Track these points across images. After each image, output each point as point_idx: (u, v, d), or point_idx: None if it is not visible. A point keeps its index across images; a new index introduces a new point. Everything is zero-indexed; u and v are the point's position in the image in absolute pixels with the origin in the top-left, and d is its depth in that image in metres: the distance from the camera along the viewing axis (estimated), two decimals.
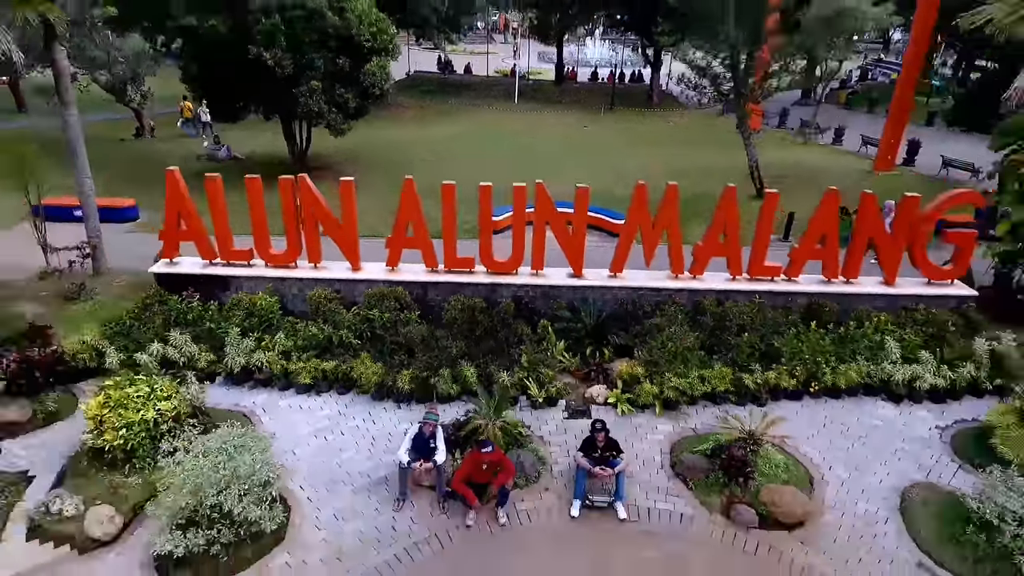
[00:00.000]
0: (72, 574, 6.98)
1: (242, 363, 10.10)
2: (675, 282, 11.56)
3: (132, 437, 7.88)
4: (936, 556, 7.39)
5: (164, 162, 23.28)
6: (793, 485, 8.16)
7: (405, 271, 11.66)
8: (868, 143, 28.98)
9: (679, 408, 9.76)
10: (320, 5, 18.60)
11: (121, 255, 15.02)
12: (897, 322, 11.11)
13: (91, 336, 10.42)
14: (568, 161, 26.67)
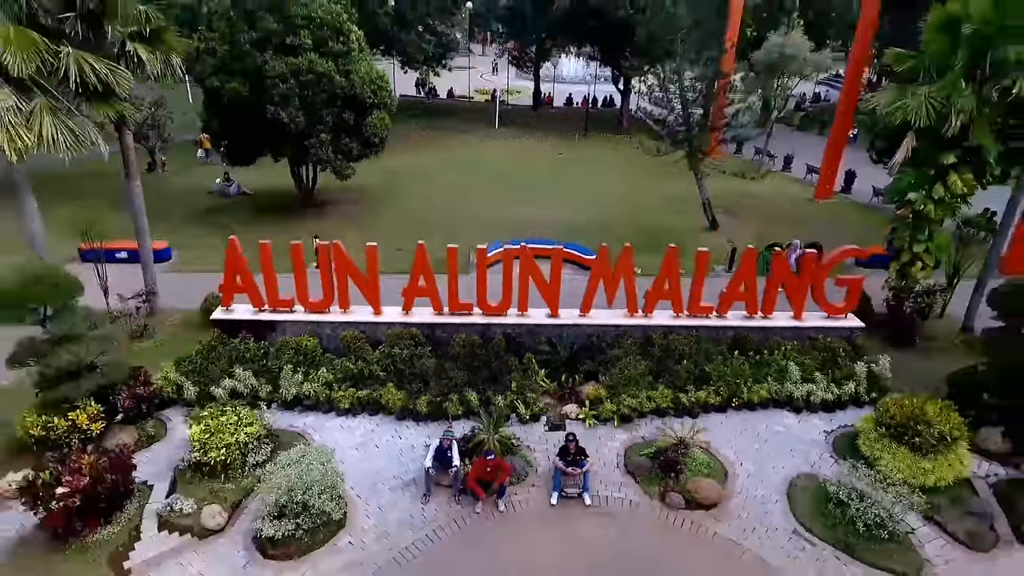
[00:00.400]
0: (194, 555, 9.79)
1: (294, 392, 12.93)
2: (630, 320, 14.61)
3: (228, 454, 10.70)
4: (807, 525, 10.51)
5: (179, 198, 26.12)
6: (712, 478, 11.24)
7: (417, 314, 14.53)
8: (812, 171, 32.49)
9: (632, 421, 12.82)
10: (329, 70, 21.35)
11: (166, 295, 17.68)
12: (801, 349, 14.29)
13: (170, 373, 13.15)
14: (546, 191, 29.64)
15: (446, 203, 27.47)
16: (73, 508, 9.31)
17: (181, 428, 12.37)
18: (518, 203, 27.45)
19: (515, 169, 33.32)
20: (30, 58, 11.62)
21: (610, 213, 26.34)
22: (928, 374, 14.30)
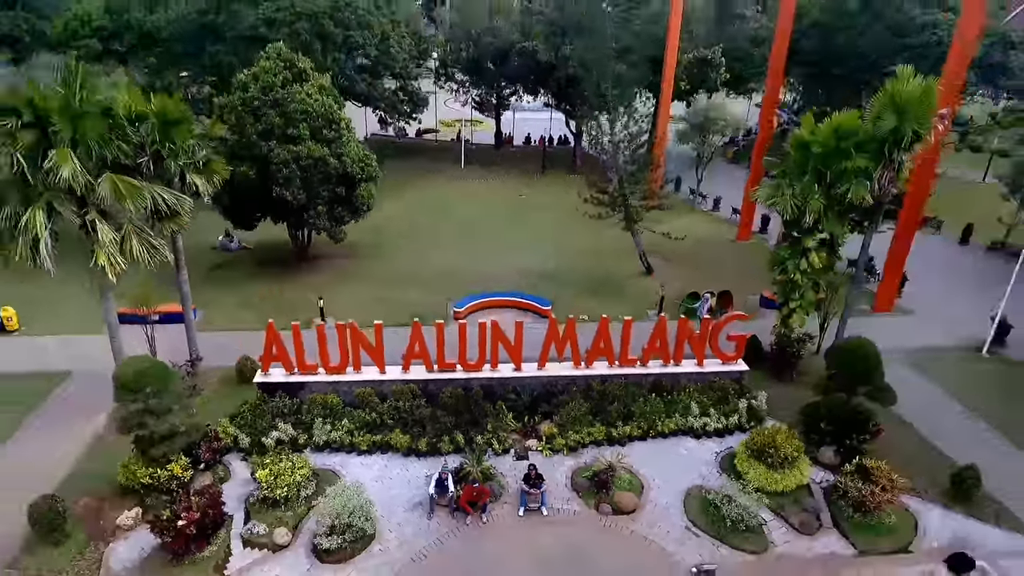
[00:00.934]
0: (272, 563, 14.01)
1: (324, 439, 17.18)
2: (575, 371, 19.23)
3: (288, 491, 14.96)
4: (695, 522, 15.32)
5: (190, 255, 29.21)
6: (632, 491, 15.96)
7: (414, 372, 18.88)
8: (735, 212, 37.82)
9: (577, 451, 17.45)
10: (324, 155, 25.45)
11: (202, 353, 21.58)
12: (701, 389, 19.17)
13: (228, 427, 17.25)
14: (509, 239, 34.09)
15: (424, 254, 31.76)
16: (189, 535, 13.47)
17: (241, 470, 16.54)
18: (485, 252, 31.92)
19: (482, 215, 37.71)
20: (140, 201, 15.65)
21: (562, 260, 31.01)
22: (796, 404, 19.29)
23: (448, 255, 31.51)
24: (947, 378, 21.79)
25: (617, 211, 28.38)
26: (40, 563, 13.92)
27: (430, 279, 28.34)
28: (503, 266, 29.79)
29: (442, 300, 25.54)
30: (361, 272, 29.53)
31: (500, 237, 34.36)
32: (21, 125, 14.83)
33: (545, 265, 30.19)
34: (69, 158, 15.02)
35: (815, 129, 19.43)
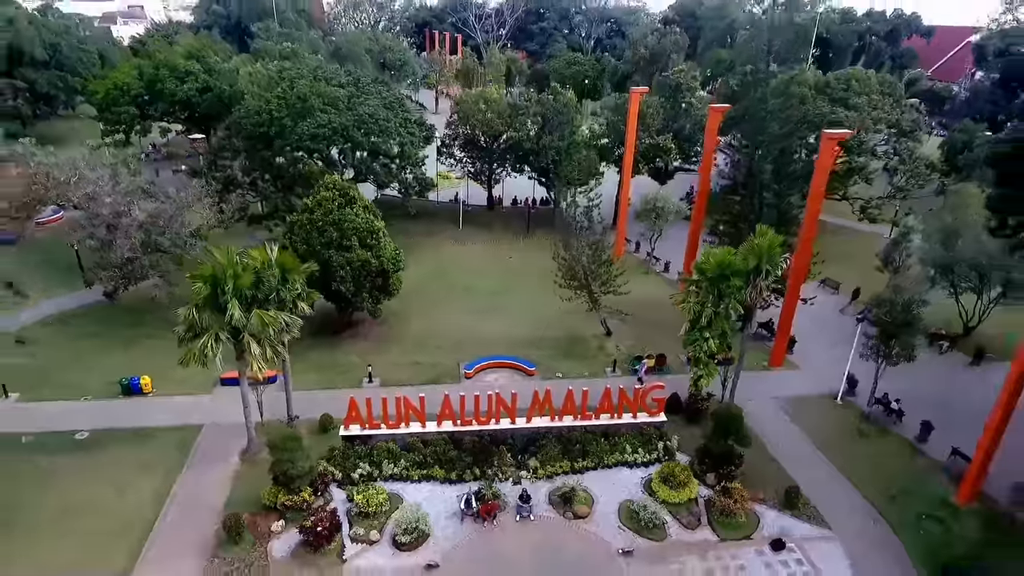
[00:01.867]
0: (369, 553, 23.52)
1: (389, 472, 26.69)
2: (551, 423, 28.87)
3: (376, 507, 24.49)
4: (625, 524, 25.07)
5: None
6: (585, 504, 25.64)
7: (444, 425, 28.40)
8: (680, 275, 47.58)
9: (552, 478, 27.10)
10: (368, 258, 34.86)
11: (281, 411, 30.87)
12: (634, 434, 28.89)
13: (326, 466, 26.67)
14: (501, 305, 43.37)
15: (437, 319, 41.11)
16: (324, 536, 22.95)
17: (338, 494, 25.96)
18: (483, 318, 41.29)
19: (479, 280, 47.00)
20: (275, 326, 25.09)
21: (543, 324, 40.46)
22: (700, 442, 29.04)
23: (455, 320, 40.90)
24: (806, 419, 31.79)
25: (582, 294, 38.02)
26: (231, 554, 23.31)
27: (444, 344, 37.79)
28: (498, 331, 39.28)
29: (455, 362, 35.19)
30: (392, 337, 38.88)
31: (494, 303, 43.62)
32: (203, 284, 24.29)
33: (531, 331, 39.61)
34: (236, 306, 24.44)
35: (708, 260, 29.26)
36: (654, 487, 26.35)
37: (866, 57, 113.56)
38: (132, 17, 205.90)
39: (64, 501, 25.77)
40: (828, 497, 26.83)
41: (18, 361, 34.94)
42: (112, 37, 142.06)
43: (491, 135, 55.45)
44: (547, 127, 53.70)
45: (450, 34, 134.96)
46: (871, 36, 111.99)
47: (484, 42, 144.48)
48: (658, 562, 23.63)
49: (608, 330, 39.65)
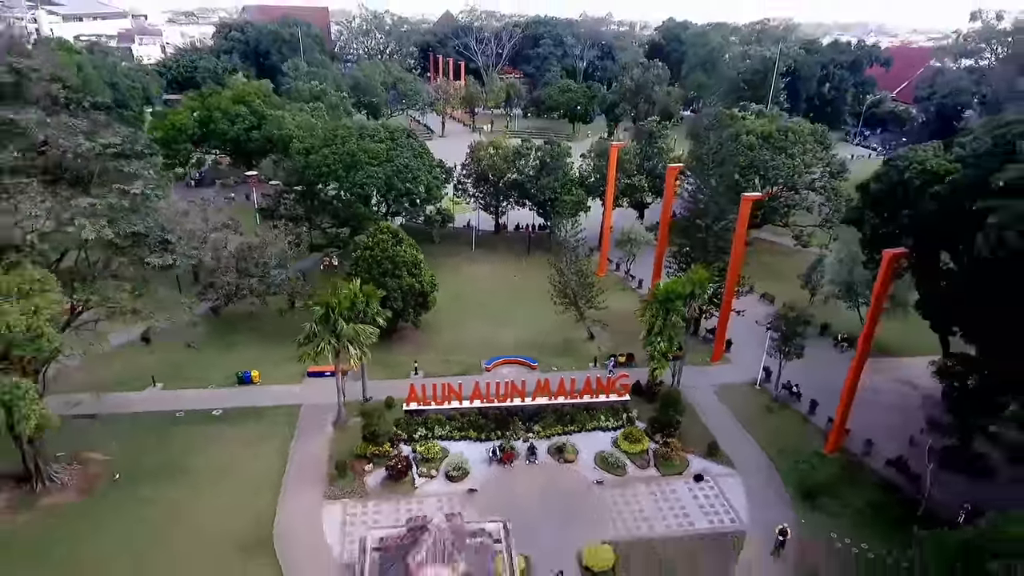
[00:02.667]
0: (431, 483, 36.21)
1: (439, 434, 39.39)
2: (550, 401, 41.55)
3: (432, 455, 37.23)
4: (600, 466, 37.85)
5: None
6: (571, 454, 38.38)
7: (475, 403, 41.07)
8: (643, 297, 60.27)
9: (551, 438, 39.79)
10: (414, 283, 47.44)
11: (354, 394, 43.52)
12: (607, 409, 41.64)
13: (397, 430, 39.36)
14: (509, 316, 56.09)
15: (461, 327, 53.71)
16: (403, 470, 35.68)
17: (406, 449, 38.60)
18: (496, 327, 53.86)
19: (491, 296, 59.59)
20: (365, 337, 37.81)
21: (541, 331, 53.09)
22: (651, 414, 41.76)
23: (475, 328, 53.48)
24: (730, 399, 44.64)
25: (571, 309, 50.77)
26: (339, 486, 35.91)
27: (469, 346, 50.40)
28: (508, 337, 51.93)
29: (477, 360, 47.90)
30: (428, 343, 51.43)
31: (504, 315, 56.05)
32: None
33: (533, 337, 52.29)
34: (342, 322, 37.12)
35: (659, 288, 42.02)
36: (619, 442, 39.14)
37: (830, 84, 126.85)
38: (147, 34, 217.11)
39: (213, 460, 38.00)
40: (737, 450, 39.64)
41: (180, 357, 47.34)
42: (134, 59, 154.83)
43: (498, 175, 68.09)
44: (544, 169, 66.39)
45: (453, 60, 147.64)
46: (834, 66, 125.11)
47: (484, 65, 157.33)
48: (618, 488, 36.37)
49: (591, 335, 52.35)
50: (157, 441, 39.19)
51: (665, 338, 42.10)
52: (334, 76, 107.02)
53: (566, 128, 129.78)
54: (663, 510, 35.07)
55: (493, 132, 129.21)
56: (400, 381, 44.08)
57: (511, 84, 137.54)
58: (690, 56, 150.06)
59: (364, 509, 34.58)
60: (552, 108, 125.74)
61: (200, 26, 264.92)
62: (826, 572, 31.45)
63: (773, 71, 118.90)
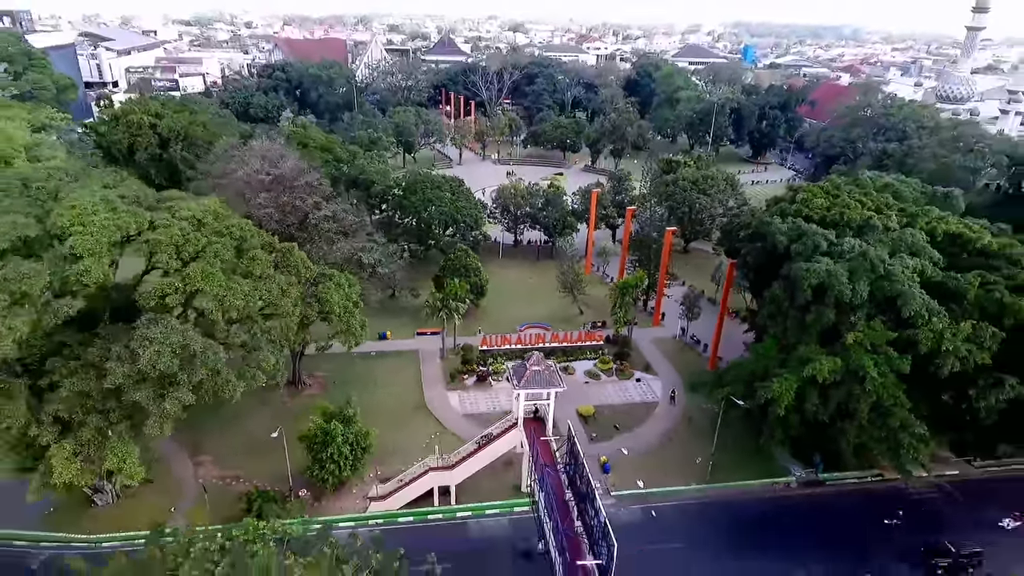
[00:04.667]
0: (500, 384, 71.18)
1: (503, 364, 74.39)
2: (557, 344, 76.62)
3: (501, 370, 72.33)
4: (588, 376, 73.21)
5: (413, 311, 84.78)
6: (570, 372, 73.56)
7: (516, 346, 76.03)
8: (610, 286, 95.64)
9: (560, 363, 74.94)
10: (476, 280, 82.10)
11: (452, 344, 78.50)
12: (590, 348, 76.86)
13: (478, 358, 74.37)
14: (529, 300, 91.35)
15: (501, 311, 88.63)
16: (483, 377, 70.64)
17: (482, 368, 73.45)
18: (522, 307, 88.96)
19: (515, 291, 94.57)
20: (463, 311, 72.77)
21: (550, 309, 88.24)
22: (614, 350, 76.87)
23: (509, 308, 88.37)
24: (661, 346, 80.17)
25: (568, 295, 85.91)
26: (452, 385, 70.69)
27: (507, 318, 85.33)
28: (529, 314, 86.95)
29: (513, 326, 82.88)
30: (483, 315, 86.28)
31: (526, 300, 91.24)
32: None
33: (545, 313, 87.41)
34: (453, 302, 71.98)
35: (620, 283, 77.23)
36: (597, 365, 74.32)
37: (766, 121, 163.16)
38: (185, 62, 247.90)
39: (380, 375, 72.62)
40: (660, 369, 75.03)
41: None
42: (181, 91, 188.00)
43: (517, 207, 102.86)
44: (548, 204, 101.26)
45: (464, 97, 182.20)
46: (769, 107, 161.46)
47: (488, 99, 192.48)
48: (596, 385, 71.56)
49: (581, 311, 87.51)
50: (348, 368, 73.55)
51: (624, 311, 77.33)
52: (382, 123, 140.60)
53: (558, 155, 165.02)
54: (618, 393, 70.33)
55: (500, 160, 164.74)
56: (470, 337, 78.78)
57: (512, 119, 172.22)
58: (659, 93, 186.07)
59: (467, 394, 69.46)
60: (547, 140, 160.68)
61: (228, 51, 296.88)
62: (695, 415, 66.79)
63: (721, 113, 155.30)
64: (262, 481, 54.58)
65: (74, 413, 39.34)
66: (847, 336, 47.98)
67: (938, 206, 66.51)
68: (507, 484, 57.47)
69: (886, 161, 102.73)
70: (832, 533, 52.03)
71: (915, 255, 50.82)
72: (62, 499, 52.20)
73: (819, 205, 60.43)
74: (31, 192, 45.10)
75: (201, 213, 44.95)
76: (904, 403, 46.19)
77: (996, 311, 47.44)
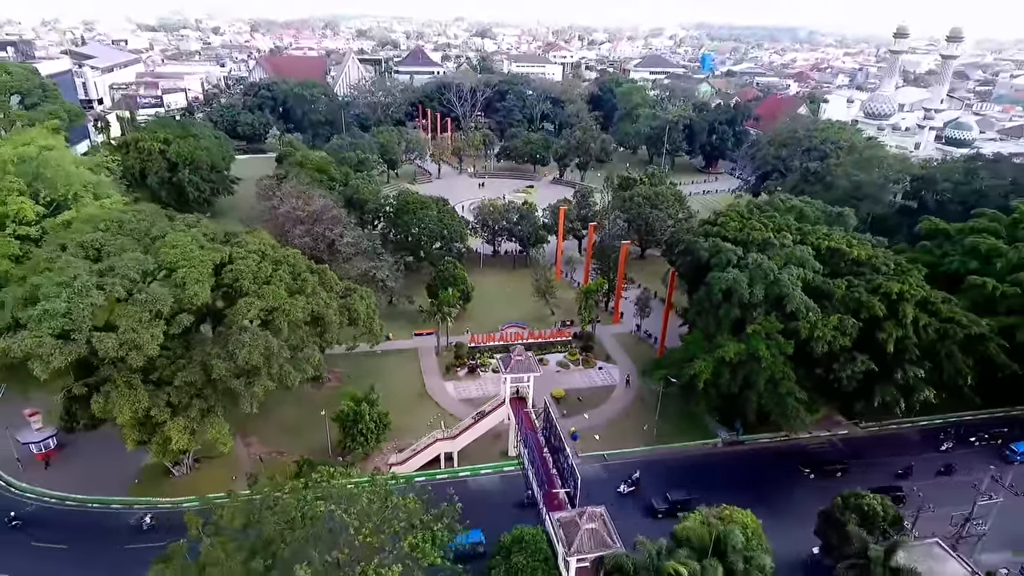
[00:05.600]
0: (486, 374, 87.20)
1: (487, 355, 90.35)
2: (533, 341, 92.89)
3: (486, 363, 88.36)
4: (559, 365, 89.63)
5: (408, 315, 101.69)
6: (544, 362, 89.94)
7: (499, 343, 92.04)
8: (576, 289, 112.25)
9: (536, 355, 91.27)
10: (464, 288, 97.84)
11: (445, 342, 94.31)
12: (559, 343, 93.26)
13: (468, 352, 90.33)
14: (508, 303, 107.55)
15: (485, 314, 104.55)
16: (473, 369, 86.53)
17: (471, 361, 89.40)
18: (502, 309, 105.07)
19: (496, 295, 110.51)
20: (454, 313, 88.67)
21: (526, 311, 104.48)
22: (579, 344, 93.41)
23: (491, 310, 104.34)
24: (619, 340, 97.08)
25: (541, 298, 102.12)
26: (448, 376, 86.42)
27: (490, 319, 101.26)
28: (509, 315, 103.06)
29: (496, 325, 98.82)
30: (469, 317, 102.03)
31: (506, 303, 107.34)
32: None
33: (522, 314, 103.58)
34: (447, 307, 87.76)
35: (584, 287, 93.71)
36: (567, 356, 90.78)
37: (715, 136, 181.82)
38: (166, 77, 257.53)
39: (385, 369, 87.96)
40: (618, 359, 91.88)
41: None
42: (165, 107, 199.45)
43: (495, 222, 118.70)
44: (522, 219, 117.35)
45: (440, 114, 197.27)
46: (718, 123, 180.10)
47: (462, 114, 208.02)
48: (566, 373, 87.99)
49: (552, 312, 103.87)
50: (359, 364, 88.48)
51: (588, 311, 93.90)
52: (368, 144, 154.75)
53: (529, 168, 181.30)
54: (584, 379, 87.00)
55: (476, 173, 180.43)
56: (460, 336, 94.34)
57: (486, 134, 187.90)
58: (620, 108, 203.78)
59: (460, 383, 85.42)
60: (519, 155, 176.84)
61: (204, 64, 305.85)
62: (645, 395, 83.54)
63: (675, 128, 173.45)
64: (302, 453, 69.61)
65: (181, 399, 54.09)
66: (749, 327, 65.02)
67: (833, 223, 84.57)
68: (496, 451, 73.45)
69: (810, 178, 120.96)
70: (747, 477, 69.24)
71: (801, 266, 68.14)
72: (145, 471, 66.93)
73: (733, 227, 77.68)
74: (127, 231, 59.57)
75: (262, 246, 59.94)
76: (790, 376, 63.33)
77: (856, 307, 64.88)
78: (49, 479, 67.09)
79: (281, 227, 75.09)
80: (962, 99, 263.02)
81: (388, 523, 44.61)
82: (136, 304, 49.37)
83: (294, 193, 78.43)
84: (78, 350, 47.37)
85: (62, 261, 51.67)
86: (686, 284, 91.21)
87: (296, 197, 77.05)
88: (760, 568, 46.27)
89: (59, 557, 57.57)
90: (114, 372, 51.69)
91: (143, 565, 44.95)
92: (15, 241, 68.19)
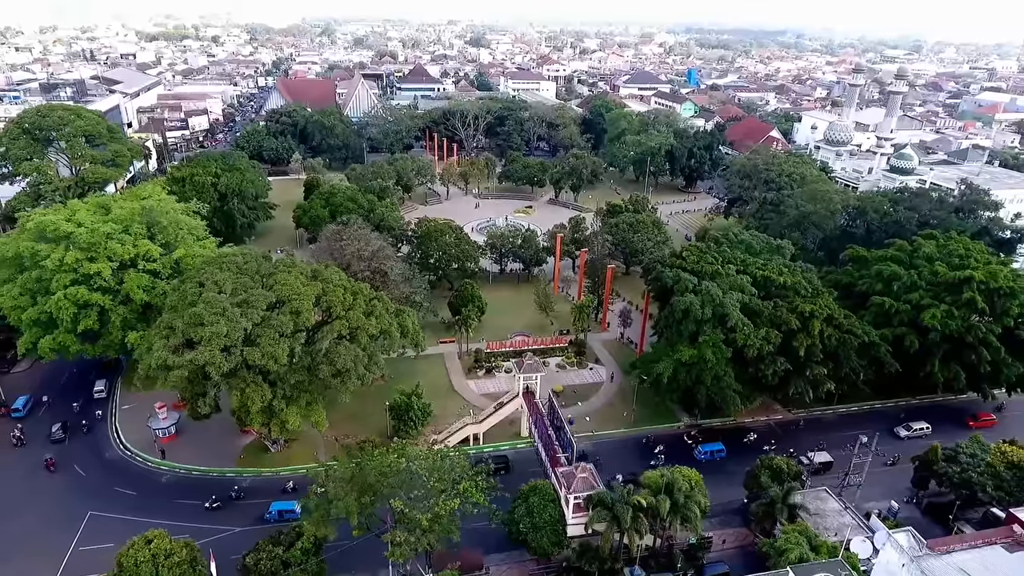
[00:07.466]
0: (500, 372, 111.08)
1: (503, 359, 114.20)
2: (536, 347, 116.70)
3: (502, 365, 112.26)
4: (557, 367, 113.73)
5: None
6: (546, 364, 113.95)
7: (510, 349, 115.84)
8: (572, 303, 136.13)
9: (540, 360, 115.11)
10: (480, 303, 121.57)
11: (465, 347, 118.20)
12: (558, 348, 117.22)
13: (487, 355, 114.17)
14: (516, 314, 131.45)
15: (496, 322, 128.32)
16: (490, 370, 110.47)
17: (488, 363, 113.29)
18: (511, 320, 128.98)
19: (505, 308, 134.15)
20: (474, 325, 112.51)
21: (529, 321, 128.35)
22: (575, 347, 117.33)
23: (501, 322, 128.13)
24: (607, 346, 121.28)
25: (542, 311, 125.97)
26: (470, 375, 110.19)
27: (501, 329, 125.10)
28: (516, 325, 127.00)
29: (507, 334, 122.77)
30: (484, 328, 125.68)
31: (514, 315, 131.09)
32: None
33: (527, 324, 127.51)
34: (468, 320, 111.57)
35: (579, 303, 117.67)
36: (564, 359, 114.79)
37: (694, 160, 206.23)
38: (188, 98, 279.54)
39: (420, 370, 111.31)
40: (606, 361, 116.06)
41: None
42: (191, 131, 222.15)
43: (502, 245, 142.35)
44: (525, 242, 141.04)
45: (447, 140, 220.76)
46: (696, 148, 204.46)
47: (465, 137, 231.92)
48: (563, 372, 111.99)
49: (551, 322, 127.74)
50: (396, 367, 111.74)
51: (581, 322, 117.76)
52: (386, 171, 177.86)
53: (528, 189, 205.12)
54: (578, 377, 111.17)
55: (479, 194, 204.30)
56: (478, 343, 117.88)
57: (488, 158, 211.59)
58: (609, 132, 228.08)
59: (480, 382, 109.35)
60: (518, 178, 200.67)
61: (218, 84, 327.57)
62: (625, 389, 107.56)
63: (658, 153, 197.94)
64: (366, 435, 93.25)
65: (293, 393, 77.64)
66: (700, 337, 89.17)
67: (774, 253, 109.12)
68: (512, 432, 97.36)
69: (767, 207, 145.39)
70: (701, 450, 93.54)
71: (741, 291, 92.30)
72: (245, 449, 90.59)
73: (692, 260, 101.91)
74: (244, 271, 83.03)
75: (344, 281, 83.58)
76: (730, 374, 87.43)
77: (778, 322, 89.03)
78: (174, 456, 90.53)
79: (347, 262, 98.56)
80: (923, 117, 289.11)
81: (447, 473, 68.18)
82: (270, 327, 72.92)
83: (356, 236, 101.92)
84: (236, 360, 70.83)
85: (211, 296, 75.01)
86: (658, 302, 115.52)
87: (358, 240, 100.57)
88: (697, 503, 70.30)
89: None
90: (245, 373, 75.14)
91: None
92: (145, 275, 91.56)
